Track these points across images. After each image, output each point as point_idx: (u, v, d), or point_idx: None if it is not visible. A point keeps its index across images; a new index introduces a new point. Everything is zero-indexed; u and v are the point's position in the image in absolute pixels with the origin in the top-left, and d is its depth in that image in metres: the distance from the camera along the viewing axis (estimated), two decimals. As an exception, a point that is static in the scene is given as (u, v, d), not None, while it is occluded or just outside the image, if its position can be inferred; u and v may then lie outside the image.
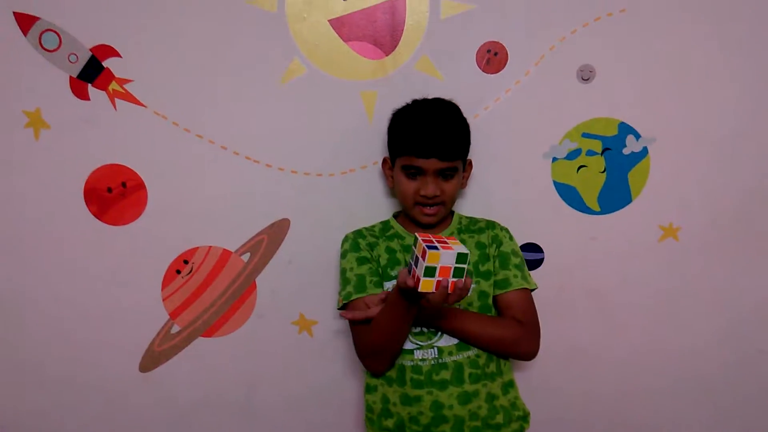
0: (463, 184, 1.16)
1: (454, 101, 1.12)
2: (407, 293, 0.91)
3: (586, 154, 1.24)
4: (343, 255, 1.13)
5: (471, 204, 1.25)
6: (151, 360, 1.26)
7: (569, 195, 1.26)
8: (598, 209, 1.27)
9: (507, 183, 1.25)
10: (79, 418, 1.28)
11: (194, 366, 1.27)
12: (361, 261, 1.10)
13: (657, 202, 1.26)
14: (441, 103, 1.11)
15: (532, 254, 1.27)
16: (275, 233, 1.24)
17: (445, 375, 1.04)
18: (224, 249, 1.24)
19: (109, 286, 1.23)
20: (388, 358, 1.05)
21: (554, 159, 1.24)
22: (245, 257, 1.24)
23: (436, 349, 1.05)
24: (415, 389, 1.04)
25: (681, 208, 1.27)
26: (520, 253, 1.15)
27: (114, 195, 1.20)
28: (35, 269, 1.22)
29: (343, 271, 1.11)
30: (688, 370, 1.33)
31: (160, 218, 1.21)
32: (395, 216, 1.20)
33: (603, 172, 1.25)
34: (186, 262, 1.24)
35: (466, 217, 1.19)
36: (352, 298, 1.07)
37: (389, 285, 1.09)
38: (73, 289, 1.23)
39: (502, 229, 1.16)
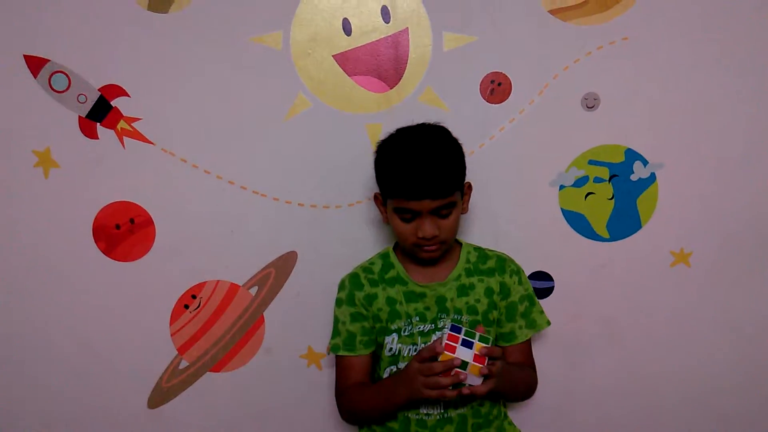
0: (464, 209, 1.07)
1: (442, 125, 1.04)
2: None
3: (594, 181, 1.23)
4: (338, 303, 1.11)
5: (479, 234, 1.24)
6: (160, 396, 1.26)
7: (578, 222, 1.25)
8: (607, 236, 1.25)
9: (514, 212, 1.24)
10: (87, 456, 1.27)
11: (203, 401, 1.26)
12: (355, 317, 1.08)
13: (667, 227, 1.25)
14: (427, 132, 1.01)
15: (542, 282, 1.26)
16: (282, 266, 1.24)
17: (449, 429, 1.01)
18: (232, 283, 1.24)
19: (117, 322, 1.23)
20: (361, 424, 1.12)
21: (561, 187, 1.24)
22: (253, 291, 1.24)
23: (442, 402, 1.02)
24: None
25: (691, 233, 1.25)
26: (530, 290, 1.13)
27: (122, 231, 1.21)
28: (44, 306, 1.22)
29: (336, 319, 1.10)
30: (705, 398, 1.30)
31: (168, 253, 1.22)
32: (395, 248, 1.13)
33: (611, 198, 1.24)
34: (194, 296, 1.24)
35: (475, 251, 1.12)
36: (339, 353, 1.08)
37: (389, 339, 1.06)
38: (82, 325, 1.23)
39: (512, 273, 1.11)
